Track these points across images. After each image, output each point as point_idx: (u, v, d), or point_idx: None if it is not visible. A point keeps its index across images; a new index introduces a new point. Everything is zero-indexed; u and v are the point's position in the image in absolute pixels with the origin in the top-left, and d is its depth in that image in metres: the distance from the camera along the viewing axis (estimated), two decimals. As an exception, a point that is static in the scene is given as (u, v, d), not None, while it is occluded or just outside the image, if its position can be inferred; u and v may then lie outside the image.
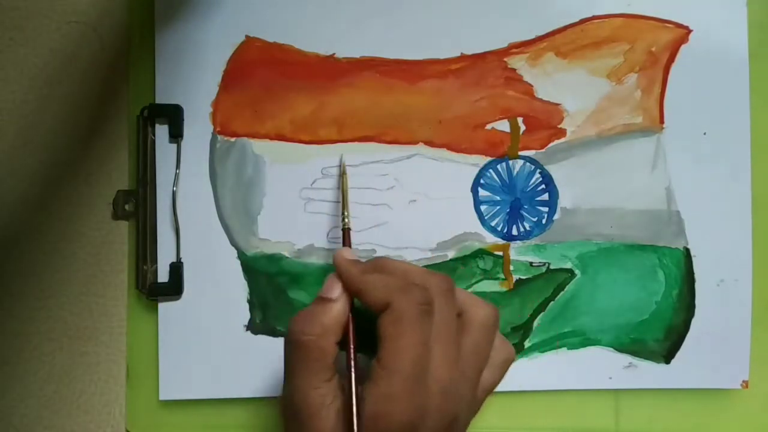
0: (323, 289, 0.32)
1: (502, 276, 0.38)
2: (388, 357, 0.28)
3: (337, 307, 0.31)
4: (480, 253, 0.38)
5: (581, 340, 0.37)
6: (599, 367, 0.37)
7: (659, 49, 0.38)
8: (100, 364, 0.38)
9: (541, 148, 0.38)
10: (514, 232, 0.38)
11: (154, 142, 0.37)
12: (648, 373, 0.37)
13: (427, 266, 0.37)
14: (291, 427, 0.31)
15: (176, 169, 0.37)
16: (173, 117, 0.37)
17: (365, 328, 0.30)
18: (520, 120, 0.38)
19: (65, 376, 0.38)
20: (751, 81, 0.38)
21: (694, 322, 0.38)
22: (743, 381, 0.37)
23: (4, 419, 0.37)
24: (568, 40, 0.38)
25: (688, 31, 0.38)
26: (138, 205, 0.37)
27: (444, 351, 0.29)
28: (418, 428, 0.28)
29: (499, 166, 0.38)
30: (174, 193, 0.37)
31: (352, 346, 0.30)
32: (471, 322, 0.31)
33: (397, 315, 0.29)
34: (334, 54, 0.38)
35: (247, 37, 0.38)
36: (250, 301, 0.37)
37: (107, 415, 0.38)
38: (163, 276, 0.37)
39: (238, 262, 0.37)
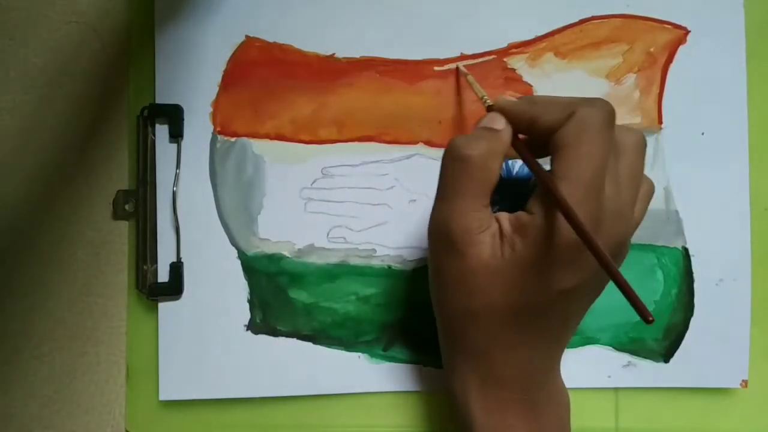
0: (483, 122, 0.31)
1: (501, 275, 0.38)
2: (570, 164, 0.27)
3: (502, 136, 0.30)
4: (480, 253, 0.38)
5: (580, 339, 0.38)
6: (598, 365, 0.38)
7: (658, 49, 0.38)
8: (100, 364, 0.38)
9: (541, 147, 0.38)
10: (514, 231, 0.38)
11: (154, 142, 0.37)
12: (647, 372, 0.38)
13: (426, 266, 0.37)
14: (444, 253, 0.30)
15: (176, 169, 0.37)
16: (173, 117, 0.37)
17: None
18: (519, 120, 0.38)
19: (65, 376, 0.38)
20: (749, 81, 0.38)
21: (693, 321, 0.38)
22: (742, 380, 0.38)
23: (4, 419, 0.37)
24: (568, 41, 0.38)
25: (686, 31, 0.38)
26: (138, 205, 0.37)
27: (612, 169, 0.28)
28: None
29: (498, 166, 0.38)
30: (174, 193, 0.37)
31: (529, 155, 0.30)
32: (624, 145, 0.30)
33: (582, 122, 0.28)
34: (334, 54, 0.38)
35: (247, 37, 0.38)
36: (250, 301, 0.37)
37: (107, 415, 0.38)
38: (163, 276, 0.37)
39: (239, 261, 0.37)
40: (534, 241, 0.28)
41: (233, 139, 0.38)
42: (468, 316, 0.30)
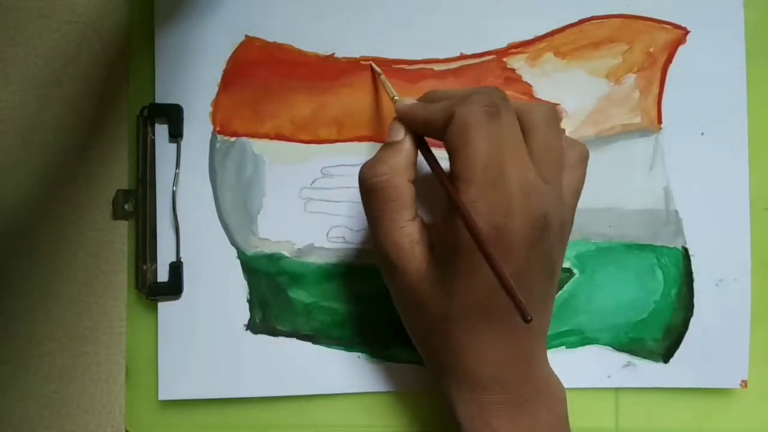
0: (388, 136, 0.32)
1: (501, 275, 0.38)
2: (461, 167, 0.28)
3: (404, 147, 0.31)
4: (479, 253, 0.38)
5: (580, 339, 0.38)
6: (598, 365, 0.38)
7: (657, 49, 0.38)
8: (100, 364, 0.38)
9: (540, 147, 0.38)
10: (514, 231, 0.38)
11: (153, 141, 0.37)
12: (647, 372, 0.37)
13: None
14: (388, 273, 0.31)
15: (176, 168, 0.37)
16: (173, 117, 0.37)
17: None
18: (519, 120, 0.38)
19: (65, 376, 0.38)
20: (749, 81, 0.38)
21: (692, 321, 0.38)
22: (742, 380, 0.38)
23: (4, 419, 0.37)
24: (567, 41, 0.38)
25: (686, 31, 0.38)
26: (138, 205, 0.37)
27: (516, 152, 0.28)
28: (506, 229, 0.27)
29: (498, 166, 0.38)
30: (174, 193, 0.37)
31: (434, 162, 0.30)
32: (533, 121, 0.30)
33: (462, 122, 0.28)
34: (333, 54, 0.38)
35: (246, 36, 0.38)
36: (249, 301, 0.37)
37: (107, 415, 0.38)
38: (162, 276, 0.37)
39: (238, 261, 0.37)
40: (446, 246, 0.29)
41: (233, 139, 0.38)
42: (426, 327, 0.31)
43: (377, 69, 0.37)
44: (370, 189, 0.30)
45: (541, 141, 0.30)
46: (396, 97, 0.34)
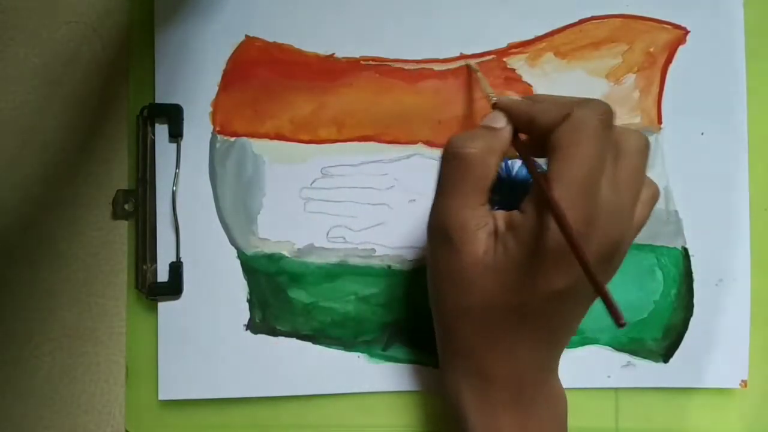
0: (485, 120, 0.31)
1: (501, 275, 0.38)
2: (564, 165, 0.27)
3: (503, 133, 0.30)
4: (479, 253, 0.38)
5: (579, 338, 0.38)
6: (598, 365, 0.38)
7: (657, 49, 0.38)
8: (100, 364, 0.38)
9: (540, 147, 0.38)
10: (514, 231, 0.38)
11: (153, 141, 0.37)
12: (647, 372, 0.37)
13: (425, 266, 0.37)
14: (440, 249, 0.30)
15: (176, 168, 0.37)
16: (173, 117, 0.37)
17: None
18: (519, 120, 0.38)
19: (65, 376, 0.38)
20: (749, 81, 0.38)
21: (692, 321, 0.38)
22: (742, 380, 0.38)
23: (4, 419, 0.37)
24: (567, 41, 0.38)
25: (686, 32, 0.38)
26: (137, 205, 0.37)
27: (610, 171, 0.28)
28: (585, 243, 0.27)
29: (498, 166, 0.38)
30: (174, 193, 0.37)
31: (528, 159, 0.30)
32: (628, 147, 0.29)
33: (577, 123, 0.28)
34: (333, 54, 0.38)
35: (246, 36, 0.38)
36: (249, 301, 0.37)
37: (107, 415, 0.38)
38: (162, 276, 0.37)
39: (238, 261, 0.37)
40: (525, 241, 0.28)
41: (233, 139, 0.38)
42: (461, 313, 0.31)
43: (474, 66, 0.37)
44: (458, 157, 0.29)
45: (630, 168, 0.29)
46: (492, 95, 0.34)
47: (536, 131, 0.30)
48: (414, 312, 0.37)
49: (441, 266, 0.31)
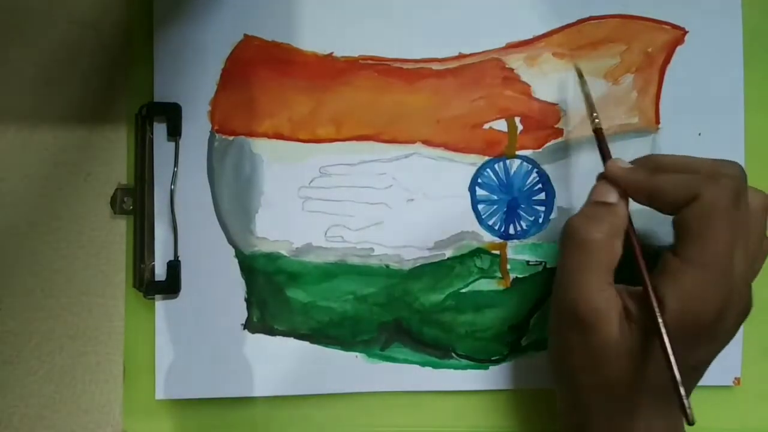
0: (595, 194, 0.31)
1: (499, 275, 0.38)
2: (695, 251, 0.27)
3: (620, 211, 0.30)
4: (477, 252, 0.38)
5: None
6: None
7: (655, 49, 0.38)
8: (100, 364, 0.38)
9: (538, 147, 0.38)
10: (511, 231, 0.38)
11: (152, 140, 0.37)
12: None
13: (424, 265, 0.38)
14: (572, 331, 0.30)
15: (174, 167, 0.37)
16: (172, 115, 0.37)
17: None
18: (517, 120, 0.38)
19: (65, 376, 0.38)
20: (746, 82, 0.38)
21: (689, 320, 0.38)
22: (736, 378, 0.38)
23: (4, 419, 0.37)
24: (566, 41, 0.38)
25: (684, 32, 0.38)
26: (136, 203, 0.37)
27: (744, 242, 0.28)
28: (722, 320, 0.27)
29: (496, 166, 0.38)
30: (172, 192, 0.37)
31: (636, 245, 0.30)
32: (753, 208, 0.29)
33: (707, 207, 0.27)
34: (332, 53, 0.38)
35: (245, 35, 0.38)
36: (247, 300, 0.37)
37: (107, 415, 0.38)
38: (160, 274, 0.37)
39: (236, 260, 0.37)
40: (648, 324, 0.28)
41: (231, 138, 0.38)
42: (599, 389, 0.30)
43: (583, 78, 0.36)
44: (584, 245, 0.29)
45: (757, 232, 0.29)
46: (596, 116, 0.34)
47: (657, 206, 0.30)
48: (412, 311, 0.38)
49: (575, 347, 0.30)
